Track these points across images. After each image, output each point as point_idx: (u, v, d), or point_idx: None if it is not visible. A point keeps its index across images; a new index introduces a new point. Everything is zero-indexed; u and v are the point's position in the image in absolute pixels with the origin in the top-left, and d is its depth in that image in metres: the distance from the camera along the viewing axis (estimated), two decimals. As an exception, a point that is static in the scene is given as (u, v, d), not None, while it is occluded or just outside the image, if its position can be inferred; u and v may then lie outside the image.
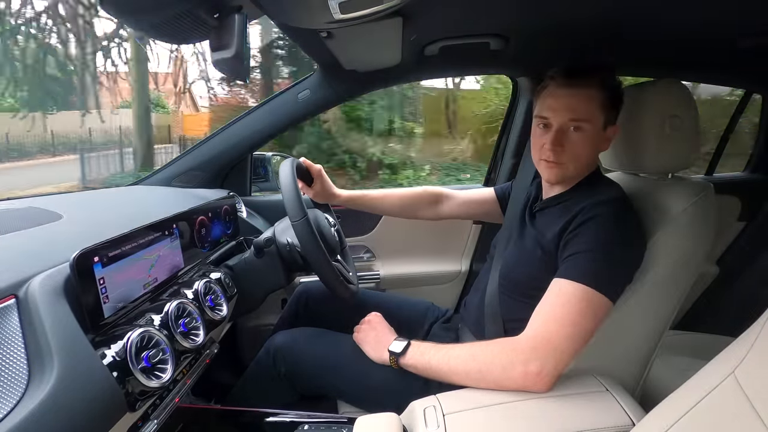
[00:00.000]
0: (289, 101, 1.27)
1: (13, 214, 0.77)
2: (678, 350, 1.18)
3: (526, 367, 0.68)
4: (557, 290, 0.72)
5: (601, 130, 0.82)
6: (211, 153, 1.31)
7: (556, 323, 0.70)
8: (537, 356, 0.69)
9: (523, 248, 0.87)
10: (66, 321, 0.55)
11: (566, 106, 0.79)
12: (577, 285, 0.70)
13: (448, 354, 0.76)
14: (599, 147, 0.84)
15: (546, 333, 0.70)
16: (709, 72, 1.37)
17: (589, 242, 0.73)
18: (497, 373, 0.71)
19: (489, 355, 0.72)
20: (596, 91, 0.79)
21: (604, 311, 0.72)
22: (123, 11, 0.53)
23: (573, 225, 0.76)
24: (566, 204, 0.83)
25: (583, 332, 0.70)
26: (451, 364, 0.75)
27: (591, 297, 0.70)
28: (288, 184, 0.92)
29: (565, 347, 0.69)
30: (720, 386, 0.45)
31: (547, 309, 0.72)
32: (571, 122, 0.79)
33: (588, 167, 0.85)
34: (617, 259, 0.73)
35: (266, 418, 0.86)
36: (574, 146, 0.80)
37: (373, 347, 0.87)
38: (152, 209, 0.96)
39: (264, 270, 1.04)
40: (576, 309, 0.70)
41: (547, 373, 0.68)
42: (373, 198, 1.20)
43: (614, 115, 0.83)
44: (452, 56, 1.12)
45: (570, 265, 0.74)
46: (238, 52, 0.54)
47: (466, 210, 1.19)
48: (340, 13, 0.63)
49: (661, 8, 0.80)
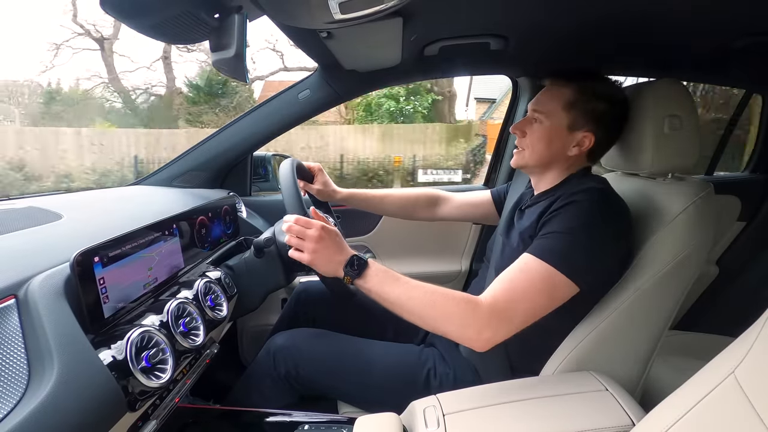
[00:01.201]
0: (290, 101, 1.27)
1: (13, 214, 0.77)
2: (678, 350, 1.18)
3: (480, 333, 0.69)
4: (523, 264, 0.73)
5: (564, 130, 0.83)
6: (211, 153, 1.31)
7: (516, 297, 0.71)
8: (492, 325, 0.70)
9: (510, 246, 0.88)
10: (66, 321, 0.55)
11: (537, 99, 0.88)
12: (542, 263, 0.71)
13: (408, 293, 0.73)
14: (561, 146, 0.84)
15: (506, 305, 0.71)
16: (708, 72, 1.37)
17: (562, 224, 0.74)
18: (450, 328, 0.71)
19: (448, 310, 0.72)
20: (567, 91, 0.83)
21: (565, 293, 0.72)
22: (123, 12, 0.53)
23: (551, 209, 0.77)
24: (549, 198, 0.84)
25: (539, 309, 0.71)
26: (408, 303, 0.73)
27: (553, 276, 0.71)
28: (288, 183, 0.92)
29: (519, 321, 0.71)
30: (720, 386, 0.45)
31: (510, 280, 0.73)
32: (534, 113, 0.87)
33: (546, 161, 0.86)
34: (587, 244, 0.73)
35: (266, 418, 0.86)
36: (531, 135, 0.87)
37: (325, 266, 0.77)
38: (152, 209, 0.96)
39: (264, 270, 1.04)
40: (537, 287, 0.71)
41: (496, 340, 0.70)
42: (373, 197, 1.22)
43: (586, 121, 0.82)
44: (452, 56, 1.12)
45: (539, 243, 0.75)
46: (238, 52, 0.54)
47: (463, 212, 1.22)
48: (340, 13, 0.63)
49: (661, 8, 0.80)
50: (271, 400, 0.91)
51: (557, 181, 0.87)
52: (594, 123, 0.83)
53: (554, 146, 0.85)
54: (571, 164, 0.87)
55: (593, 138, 0.83)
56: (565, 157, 0.85)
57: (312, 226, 0.76)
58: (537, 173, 0.90)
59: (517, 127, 0.89)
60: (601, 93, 0.83)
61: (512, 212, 0.94)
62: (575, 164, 0.87)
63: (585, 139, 0.83)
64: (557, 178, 0.87)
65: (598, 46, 1.03)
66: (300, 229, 0.76)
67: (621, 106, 0.85)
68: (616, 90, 0.85)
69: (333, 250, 0.76)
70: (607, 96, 0.83)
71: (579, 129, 0.83)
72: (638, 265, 0.79)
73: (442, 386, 0.85)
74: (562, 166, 0.87)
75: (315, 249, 0.75)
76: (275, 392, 0.93)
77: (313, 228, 0.76)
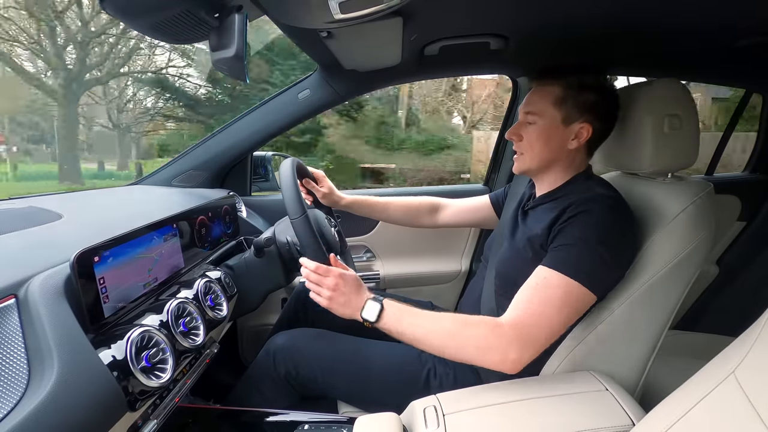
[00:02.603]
0: (289, 101, 1.27)
1: (13, 214, 0.77)
2: (678, 350, 1.18)
3: (506, 355, 0.69)
4: (541, 278, 0.73)
5: (559, 125, 0.83)
6: (211, 153, 1.31)
7: (538, 313, 0.70)
8: (517, 345, 0.69)
9: (515, 247, 0.87)
10: (66, 321, 0.55)
11: (526, 101, 0.88)
12: (561, 276, 0.71)
13: (426, 327, 0.74)
14: (560, 142, 0.84)
15: (528, 322, 0.70)
16: (708, 72, 1.37)
17: (577, 235, 0.74)
18: (474, 355, 0.71)
19: (468, 336, 0.72)
20: (554, 89, 0.83)
21: (586, 303, 0.73)
22: (123, 12, 0.53)
23: (563, 218, 0.77)
24: (556, 201, 0.84)
25: (562, 323, 0.71)
26: (428, 337, 0.74)
27: (574, 289, 0.71)
28: (288, 183, 0.92)
29: (544, 337, 0.70)
30: (720, 386, 0.45)
31: (531, 297, 0.72)
32: (526, 115, 0.87)
33: (547, 160, 0.86)
34: (603, 254, 0.73)
35: (266, 418, 0.86)
36: (528, 137, 0.86)
37: (343, 310, 0.80)
38: (152, 209, 0.96)
39: (264, 270, 1.04)
40: (558, 300, 0.70)
41: (524, 361, 0.69)
42: (376, 204, 1.24)
43: (581, 113, 0.83)
44: (452, 56, 1.12)
45: (556, 255, 0.74)
46: (238, 52, 0.54)
47: (463, 218, 1.24)
48: (340, 12, 0.63)
49: (660, 8, 0.79)
50: (272, 401, 0.91)
51: (561, 181, 0.87)
52: (588, 113, 0.83)
53: (553, 143, 0.85)
54: (572, 160, 0.86)
55: (591, 128, 0.83)
56: (566, 152, 0.85)
57: (330, 275, 0.81)
58: (540, 174, 0.90)
59: (512, 132, 0.89)
60: (588, 84, 0.83)
61: (516, 212, 0.94)
62: (576, 160, 0.86)
63: (582, 130, 0.83)
64: (561, 177, 0.87)
65: (599, 46, 1.03)
66: (318, 278, 0.81)
67: (611, 95, 0.85)
68: (602, 80, 0.85)
69: (349, 297, 0.80)
70: (594, 86, 0.83)
71: (574, 121, 0.83)
72: (638, 265, 0.79)
73: (442, 386, 0.85)
74: (564, 163, 0.86)
75: (332, 297, 0.80)
76: (275, 393, 0.93)
77: (331, 276, 0.80)
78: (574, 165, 0.87)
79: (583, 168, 0.88)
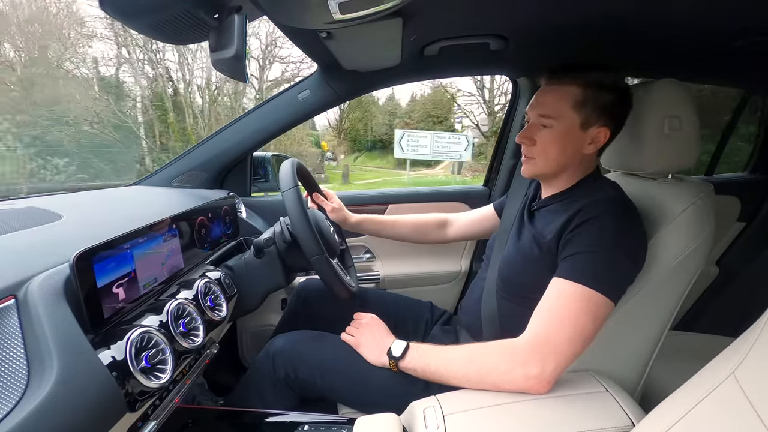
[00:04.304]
0: (289, 101, 1.27)
1: (13, 214, 0.77)
2: (678, 350, 1.18)
3: (527, 370, 0.68)
4: (557, 290, 0.72)
5: (577, 130, 0.80)
6: (210, 153, 1.31)
7: (556, 325, 0.69)
8: (537, 359, 0.68)
9: (521, 248, 0.86)
10: (66, 321, 0.55)
11: (539, 103, 0.83)
12: (577, 285, 0.70)
13: (447, 356, 0.76)
14: (576, 147, 0.82)
15: (546, 335, 0.69)
16: (708, 72, 1.37)
17: (589, 242, 0.72)
18: (496, 377, 0.70)
19: (488, 358, 0.72)
20: (573, 89, 0.79)
21: (605, 312, 0.71)
22: (123, 12, 0.53)
23: (573, 224, 0.75)
24: (564, 203, 0.83)
25: (583, 333, 0.69)
26: (450, 367, 0.75)
27: (591, 297, 0.69)
28: (288, 184, 0.92)
29: (564, 349, 0.68)
30: (720, 386, 0.45)
31: (547, 309, 0.71)
32: (540, 118, 0.82)
33: (562, 165, 0.84)
34: (618, 260, 0.72)
35: (266, 418, 0.85)
36: (542, 142, 0.82)
37: (371, 351, 0.87)
38: (152, 209, 0.96)
39: (264, 270, 1.04)
40: (576, 310, 0.69)
41: (546, 376, 0.68)
42: (386, 222, 1.24)
43: (599, 116, 0.80)
44: (452, 56, 1.12)
45: (570, 264, 0.73)
46: (238, 52, 0.54)
47: (470, 230, 1.22)
48: (339, 13, 0.63)
49: (660, 8, 0.80)
50: (271, 404, 0.91)
51: (570, 183, 0.85)
52: (606, 116, 0.80)
53: (569, 148, 0.81)
54: (584, 163, 0.85)
55: (608, 132, 0.81)
56: (580, 156, 0.83)
57: (363, 317, 0.95)
58: (549, 178, 0.87)
59: (524, 136, 0.84)
60: (607, 83, 0.80)
61: (521, 213, 0.93)
62: (587, 162, 0.85)
63: (600, 134, 0.81)
64: (571, 180, 0.85)
65: (599, 47, 1.03)
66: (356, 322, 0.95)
67: (626, 95, 0.83)
68: (618, 78, 0.83)
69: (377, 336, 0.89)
70: (612, 86, 0.80)
71: (593, 125, 0.80)
72: (638, 265, 0.79)
73: (442, 387, 0.85)
74: (576, 166, 0.84)
75: (362, 333, 0.91)
76: (275, 396, 0.93)
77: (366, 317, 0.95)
78: (584, 167, 0.86)
79: (591, 169, 0.87)
